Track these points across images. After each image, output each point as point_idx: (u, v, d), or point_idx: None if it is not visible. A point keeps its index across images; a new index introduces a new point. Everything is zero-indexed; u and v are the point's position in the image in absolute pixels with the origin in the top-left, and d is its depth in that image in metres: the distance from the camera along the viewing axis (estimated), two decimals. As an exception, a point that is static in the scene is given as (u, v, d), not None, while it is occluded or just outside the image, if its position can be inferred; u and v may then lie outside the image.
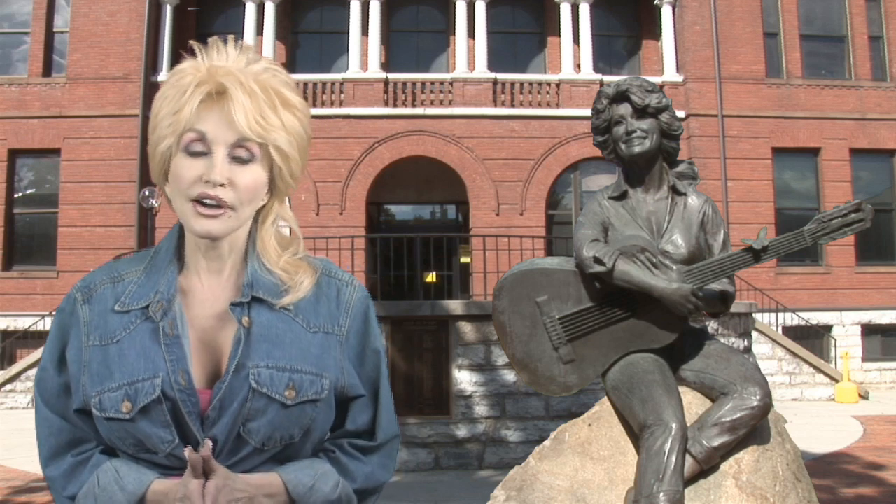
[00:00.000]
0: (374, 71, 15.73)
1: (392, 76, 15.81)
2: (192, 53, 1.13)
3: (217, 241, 1.14)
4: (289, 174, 1.16)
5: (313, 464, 1.19)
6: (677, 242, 2.59)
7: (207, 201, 1.09)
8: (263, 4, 15.80)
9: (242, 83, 1.08)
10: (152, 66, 15.41)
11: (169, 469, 1.11)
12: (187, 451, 1.05)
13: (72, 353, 1.15)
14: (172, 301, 1.14)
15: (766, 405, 2.41)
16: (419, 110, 15.62)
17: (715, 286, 2.55)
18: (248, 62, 1.12)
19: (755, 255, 2.47)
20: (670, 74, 16.10)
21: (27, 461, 7.43)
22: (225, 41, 1.14)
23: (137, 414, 1.07)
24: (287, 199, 1.24)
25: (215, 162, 1.08)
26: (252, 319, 1.14)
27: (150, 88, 15.25)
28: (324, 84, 15.70)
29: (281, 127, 1.11)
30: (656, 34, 16.81)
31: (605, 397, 2.66)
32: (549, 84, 15.98)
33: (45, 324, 13.71)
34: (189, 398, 1.09)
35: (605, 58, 16.73)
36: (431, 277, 14.74)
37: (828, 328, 15.23)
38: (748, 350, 10.06)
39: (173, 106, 1.09)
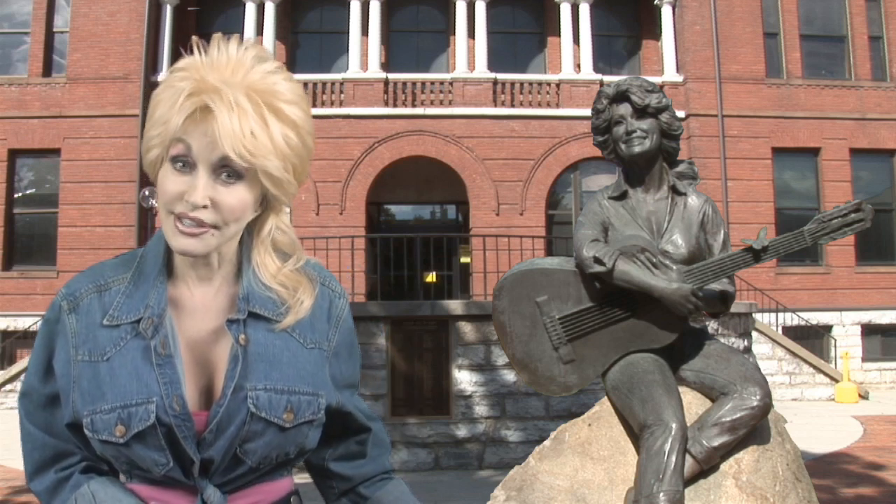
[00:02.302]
0: (374, 71, 15.73)
1: (392, 76, 15.81)
2: (192, 51, 1.06)
3: (196, 257, 1.09)
4: (282, 194, 1.10)
5: (398, 486, 1.28)
6: (677, 242, 2.59)
7: (187, 221, 1.04)
8: (263, 4, 15.80)
9: (231, 103, 1.00)
10: (152, 66, 15.41)
11: (163, 485, 1.10)
12: None
13: (59, 365, 1.11)
14: (163, 315, 1.09)
15: (766, 405, 2.41)
16: (419, 110, 15.62)
17: (715, 286, 2.55)
18: (252, 63, 1.04)
19: (755, 255, 2.47)
20: (670, 74, 16.10)
21: (27, 461, 7.43)
22: (229, 39, 1.06)
23: (132, 439, 1.04)
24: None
25: (197, 182, 1.03)
26: (248, 337, 1.10)
27: (150, 88, 15.21)
28: (324, 84, 15.70)
29: (271, 150, 1.02)
30: (656, 34, 16.81)
31: (605, 397, 2.66)
32: (549, 84, 15.98)
33: (45, 324, 13.71)
34: (184, 423, 1.05)
35: (605, 58, 16.73)
36: (431, 277, 14.75)
37: (828, 328, 15.23)
38: (748, 350, 10.06)
39: (164, 114, 1.03)
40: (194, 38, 1.08)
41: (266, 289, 1.13)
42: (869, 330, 15.47)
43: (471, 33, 15.96)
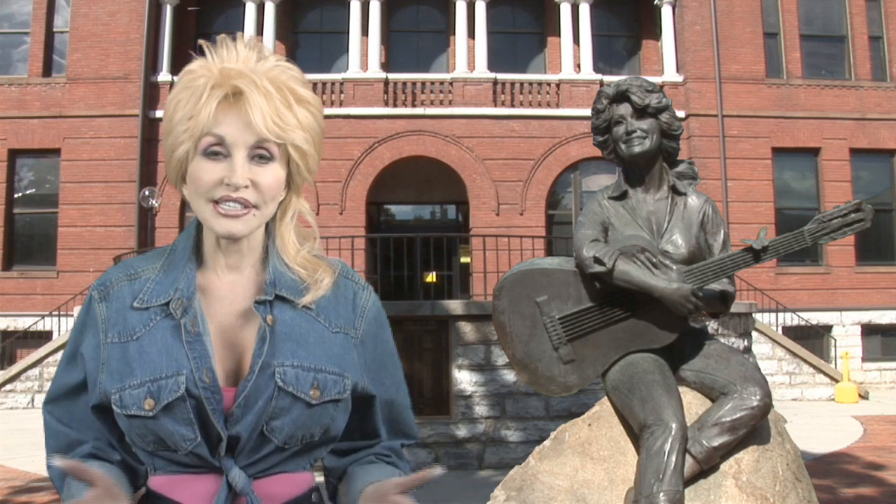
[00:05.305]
0: (374, 71, 15.73)
1: (392, 76, 15.81)
2: (201, 52, 1.12)
3: (239, 239, 1.15)
4: (306, 170, 1.17)
5: (392, 472, 1.20)
6: (677, 242, 2.59)
7: (230, 204, 1.09)
8: (263, 4, 15.80)
9: (257, 84, 1.08)
10: (152, 66, 15.41)
11: (188, 467, 1.11)
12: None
13: (88, 350, 1.16)
14: (192, 298, 1.14)
15: (766, 405, 2.41)
16: (419, 110, 15.62)
17: (715, 286, 2.55)
18: (259, 59, 1.11)
19: (755, 255, 2.47)
20: (670, 74, 16.10)
21: (27, 461, 7.43)
22: (234, 38, 1.13)
23: (160, 412, 1.07)
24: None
25: (235, 165, 1.09)
26: (275, 318, 1.14)
27: (150, 88, 15.25)
28: (324, 84, 15.69)
29: (297, 125, 1.11)
30: (656, 34, 16.81)
31: (605, 397, 2.66)
32: (549, 84, 15.98)
33: (45, 324, 13.70)
34: (213, 395, 1.09)
35: (605, 58, 16.73)
36: (431, 277, 14.73)
37: (828, 328, 15.23)
38: (748, 350, 10.06)
39: (188, 110, 1.09)
40: (202, 41, 1.16)
41: (289, 270, 1.19)
42: (869, 330, 15.47)
43: (471, 33, 15.96)
